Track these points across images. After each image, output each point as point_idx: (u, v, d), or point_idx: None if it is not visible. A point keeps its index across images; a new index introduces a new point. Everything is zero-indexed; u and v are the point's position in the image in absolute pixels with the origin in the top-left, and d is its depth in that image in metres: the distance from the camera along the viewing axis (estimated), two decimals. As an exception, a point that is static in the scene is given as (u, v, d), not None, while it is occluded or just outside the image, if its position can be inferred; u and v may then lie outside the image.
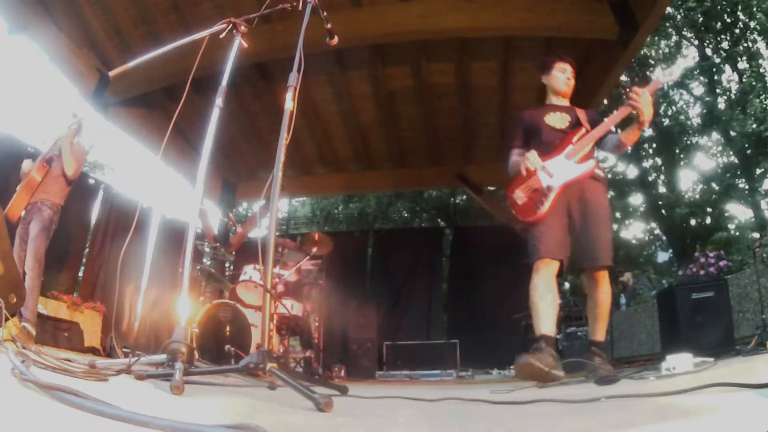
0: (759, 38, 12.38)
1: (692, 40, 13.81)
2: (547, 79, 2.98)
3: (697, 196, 13.54)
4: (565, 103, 2.95)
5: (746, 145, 11.35)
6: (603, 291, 2.58)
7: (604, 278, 2.58)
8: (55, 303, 5.14)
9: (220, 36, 2.05)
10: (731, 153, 12.74)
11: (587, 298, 2.67)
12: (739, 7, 12.12)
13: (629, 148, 2.71)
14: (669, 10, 12.07)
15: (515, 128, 3.00)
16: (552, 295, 2.57)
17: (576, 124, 2.74)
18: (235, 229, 8.64)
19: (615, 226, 14.60)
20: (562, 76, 2.91)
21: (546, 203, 2.58)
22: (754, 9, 11.65)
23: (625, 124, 2.70)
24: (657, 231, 14.70)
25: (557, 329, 3.33)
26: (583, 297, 4.46)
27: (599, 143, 2.72)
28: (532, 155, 2.65)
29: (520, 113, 3.03)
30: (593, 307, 2.63)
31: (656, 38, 13.55)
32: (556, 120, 2.79)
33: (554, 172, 2.62)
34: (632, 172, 14.65)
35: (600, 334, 2.64)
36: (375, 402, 1.80)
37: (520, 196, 2.71)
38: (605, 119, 2.64)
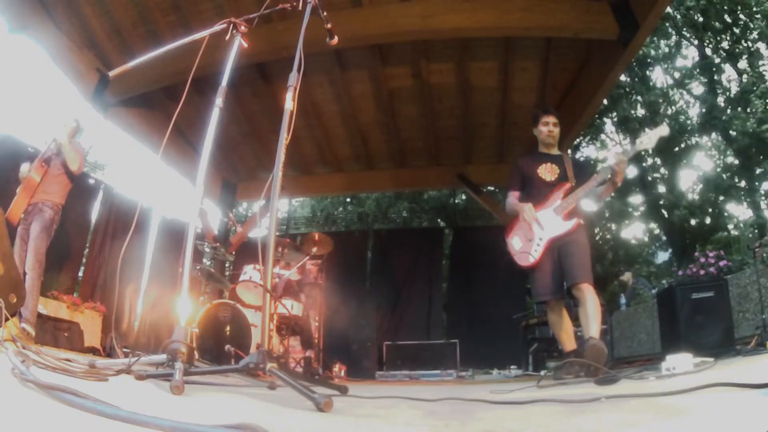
0: (758, 37, 12.37)
1: (692, 39, 13.82)
2: (535, 131, 3.39)
3: (697, 197, 13.54)
4: (554, 151, 3.36)
5: (746, 145, 11.35)
6: (589, 298, 2.89)
7: (587, 289, 2.91)
8: (55, 303, 5.13)
9: (222, 37, 2.05)
10: (731, 153, 12.74)
11: (579, 309, 2.96)
12: (739, 7, 12.12)
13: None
14: (669, 10, 12.07)
15: (513, 174, 3.41)
16: (565, 320, 3.14)
17: (564, 177, 3.18)
18: (235, 229, 8.64)
19: (614, 226, 14.61)
20: (544, 130, 3.32)
21: (537, 252, 3.08)
22: (754, 9, 11.65)
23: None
24: (657, 231, 14.70)
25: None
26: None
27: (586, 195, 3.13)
28: (529, 209, 3.11)
29: (516, 161, 3.47)
30: (583, 311, 2.90)
31: (656, 38, 13.55)
32: (546, 173, 3.25)
33: (545, 225, 3.09)
34: (632, 172, 14.64)
35: (593, 331, 2.79)
36: (375, 402, 1.80)
37: (517, 242, 3.21)
38: (592, 178, 3.05)
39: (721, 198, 12.84)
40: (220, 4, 5.21)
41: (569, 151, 3.59)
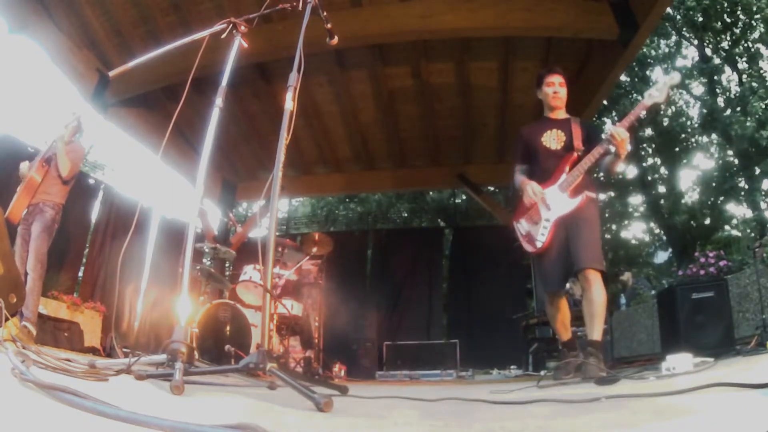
0: (758, 38, 12.38)
1: (692, 40, 13.81)
2: (540, 94, 3.13)
3: (697, 196, 13.54)
4: (561, 115, 3.08)
5: (746, 146, 11.35)
6: (594, 291, 2.66)
7: (594, 279, 2.67)
8: (55, 303, 5.14)
9: (222, 36, 2.05)
10: (731, 153, 12.74)
11: (583, 300, 2.76)
12: (739, 8, 12.12)
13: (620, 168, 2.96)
14: (669, 10, 12.07)
15: (516, 145, 3.17)
16: (562, 313, 2.97)
17: (570, 145, 2.88)
18: (235, 229, 8.64)
19: (614, 227, 14.60)
20: (550, 91, 3.06)
21: (545, 235, 2.83)
22: (754, 9, 11.65)
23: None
24: (657, 231, 14.69)
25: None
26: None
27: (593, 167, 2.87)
28: (533, 187, 2.86)
29: (520, 130, 3.19)
30: (587, 306, 2.71)
31: (656, 38, 13.55)
32: (552, 140, 2.96)
33: (551, 204, 2.83)
34: (632, 172, 14.64)
35: (596, 333, 2.69)
36: (375, 402, 1.80)
37: (523, 226, 2.98)
38: (595, 147, 2.77)
39: (721, 198, 12.84)
40: (220, 4, 5.21)
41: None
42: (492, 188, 10.46)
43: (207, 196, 8.01)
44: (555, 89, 3.05)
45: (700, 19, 12.72)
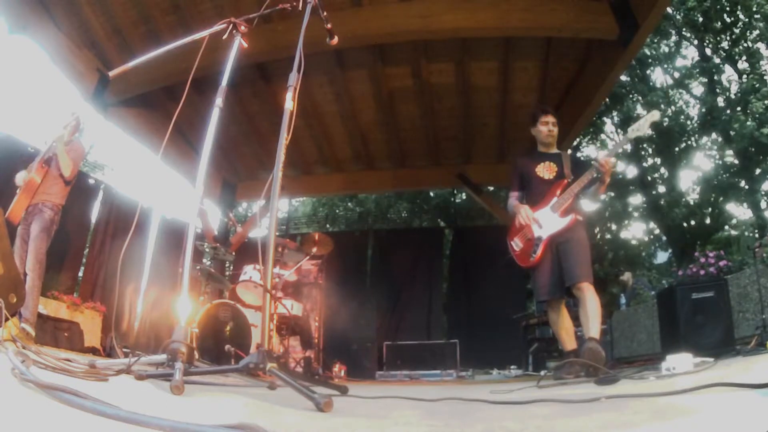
0: (758, 37, 12.38)
1: (692, 39, 13.82)
2: (534, 131, 3.42)
3: (697, 196, 13.53)
4: (552, 150, 3.40)
5: (746, 146, 11.35)
6: (589, 298, 2.91)
7: (588, 289, 2.93)
8: (55, 303, 5.13)
9: (222, 37, 2.05)
10: (731, 153, 12.74)
11: (580, 308, 2.98)
12: (739, 7, 12.12)
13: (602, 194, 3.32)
14: (669, 10, 12.07)
15: (513, 174, 3.47)
16: (565, 319, 3.17)
17: (561, 175, 3.22)
18: (235, 229, 8.64)
19: (614, 227, 14.60)
20: (544, 129, 3.35)
21: (537, 251, 3.13)
22: (754, 9, 11.65)
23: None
24: (657, 231, 14.69)
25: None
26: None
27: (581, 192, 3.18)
28: (526, 210, 3.18)
29: (515, 161, 3.53)
30: (584, 311, 2.92)
31: (656, 38, 13.56)
32: (545, 171, 3.29)
33: (543, 223, 3.14)
34: (632, 172, 14.64)
35: (593, 331, 2.81)
36: (375, 402, 1.80)
37: (517, 243, 3.29)
38: (585, 173, 3.06)
39: (721, 198, 12.84)
40: (220, 4, 5.21)
41: (569, 151, 3.54)
42: (492, 188, 10.46)
43: (207, 196, 8.00)
44: (549, 128, 3.34)
45: (700, 19, 12.72)
